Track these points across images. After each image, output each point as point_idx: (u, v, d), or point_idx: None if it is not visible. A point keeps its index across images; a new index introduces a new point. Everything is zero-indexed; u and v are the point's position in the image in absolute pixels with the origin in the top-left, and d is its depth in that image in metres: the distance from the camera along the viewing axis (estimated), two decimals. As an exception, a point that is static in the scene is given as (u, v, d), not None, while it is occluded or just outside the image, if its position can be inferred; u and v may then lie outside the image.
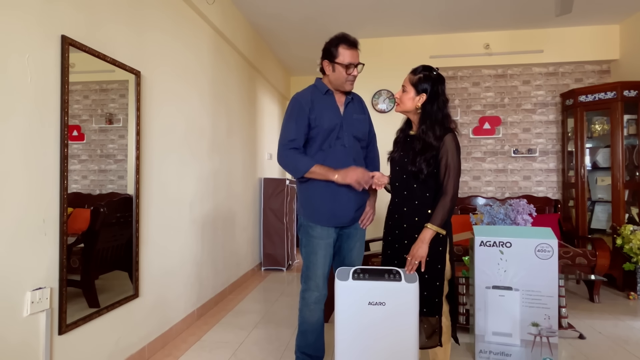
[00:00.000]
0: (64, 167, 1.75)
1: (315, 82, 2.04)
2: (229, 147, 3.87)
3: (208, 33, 3.38)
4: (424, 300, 1.76)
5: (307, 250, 1.98)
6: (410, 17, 4.24)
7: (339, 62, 1.90)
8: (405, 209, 1.85)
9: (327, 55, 1.94)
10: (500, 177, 4.79)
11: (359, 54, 1.95)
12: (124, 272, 2.24)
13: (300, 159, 1.90)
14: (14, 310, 1.55)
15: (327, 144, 1.94)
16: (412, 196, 1.83)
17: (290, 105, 1.98)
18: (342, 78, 1.93)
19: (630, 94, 3.91)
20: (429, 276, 1.78)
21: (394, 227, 1.90)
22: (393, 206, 1.93)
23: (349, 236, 2.04)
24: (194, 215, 3.07)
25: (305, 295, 1.98)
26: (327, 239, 1.97)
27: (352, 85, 1.99)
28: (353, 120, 2.00)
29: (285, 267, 4.83)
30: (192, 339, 2.73)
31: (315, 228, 1.96)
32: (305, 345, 2.01)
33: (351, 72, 1.92)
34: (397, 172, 1.90)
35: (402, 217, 1.86)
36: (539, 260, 2.26)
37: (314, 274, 1.95)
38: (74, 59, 1.82)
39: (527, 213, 2.90)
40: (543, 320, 2.25)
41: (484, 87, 4.85)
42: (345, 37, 1.92)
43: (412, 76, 1.85)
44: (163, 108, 2.63)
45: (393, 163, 1.94)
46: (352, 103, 2.04)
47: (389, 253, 1.93)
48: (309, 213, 1.98)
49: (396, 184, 1.91)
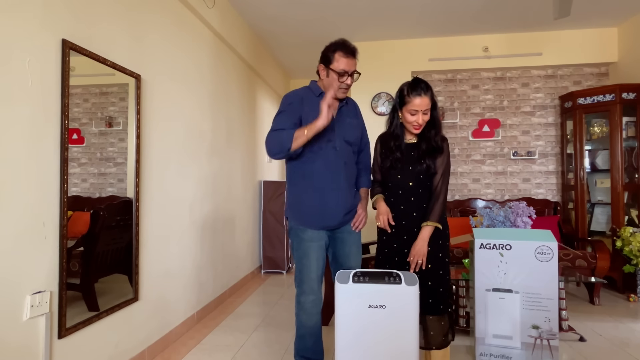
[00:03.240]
0: (64, 170, 1.75)
1: (310, 83, 2.03)
2: (228, 150, 3.88)
3: (208, 36, 3.39)
4: (440, 298, 1.83)
5: (299, 254, 1.96)
6: (409, 21, 4.26)
7: (333, 69, 1.88)
8: (415, 214, 1.89)
9: (324, 60, 1.93)
10: (500, 180, 4.79)
11: (356, 63, 1.93)
12: (124, 275, 2.23)
13: (282, 134, 1.83)
14: (14, 313, 1.55)
15: (318, 146, 1.91)
16: (421, 201, 1.90)
17: (282, 101, 1.98)
18: (335, 85, 1.89)
19: (628, 96, 3.92)
20: (442, 271, 1.85)
21: (400, 233, 1.92)
22: (397, 213, 1.94)
23: (343, 242, 2.02)
24: (193, 218, 3.07)
25: (301, 299, 1.96)
26: (318, 241, 1.95)
27: (344, 94, 1.95)
28: (345, 124, 1.99)
29: (285, 270, 4.82)
30: (191, 342, 2.72)
31: (306, 231, 1.94)
32: (304, 349, 2.00)
33: (344, 80, 1.89)
34: (399, 180, 1.93)
35: (412, 222, 1.89)
36: (539, 263, 2.26)
37: (308, 277, 1.93)
38: (74, 63, 1.82)
39: (526, 215, 2.91)
40: (543, 322, 2.25)
41: (483, 90, 4.86)
42: (344, 44, 1.89)
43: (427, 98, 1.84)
44: (163, 111, 2.63)
45: (394, 172, 1.95)
46: (345, 107, 2.02)
47: (396, 260, 1.94)
48: (298, 216, 1.96)
49: (399, 192, 1.93)
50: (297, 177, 1.98)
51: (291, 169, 2.03)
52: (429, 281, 1.85)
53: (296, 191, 1.99)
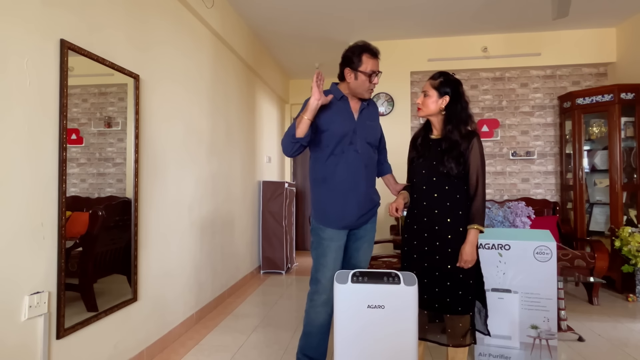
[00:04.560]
0: (62, 170, 1.75)
1: (331, 87, 2.05)
2: (227, 150, 3.88)
3: (207, 37, 3.39)
4: (459, 299, 1.81)
5: (317, 252, 2.00)
6: (408, 21, 4.26)
7: (362, 71, 1.94)
8: (437, 211, 1.87)
9: (349, 63, 1.97)
10: (499, 180, 4.80)
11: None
12: (123, 275, 2.23)
13: (289, 128, 1.91)
14: (12, 314, 1.54)
15: (340, 149, 1.96)
16: (444, 198, 1.86)
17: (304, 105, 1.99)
18: (365, 86, 1.97)
19: (627, 96, 3.93)
20: (464, 275, 1.81)
21: (421, 230, 1.90)
22: (419, 209, 1.93)
23: (356, 236, 2.05)
24: (192, 219, 3.07)
25: (314, 297, 1.98)
26: (338, 241, 1.98)
27: (371, 93, 2.04)
28: (366, 127, 2.03)
29: (284, 270, 4.82)
30: (190, 342, 2.72)
31: (326, 230, 1.97)
32: (308, 347, 2.01)
33: (374, 80, 1.97)
34: (423, 176, 1.92)
35: (433, 220, 1.87)
36: (537, 263, 2.27)
37: (324, 276, 1.95)
38: (73, 63, 1.82)
39: (525, 215, 2.91)
40: (542, 322, 2.25)
41: (482, 90, 4.87)
42: (368, 47, 1.98)
43: (432, 81, 1.92)
44: (162, 111, 2.63)
45: (418, 167, 1.95)
46: (366, 109, 2.06)
47: (415, 257, 1.92)
48: (320, 215, 2.00)
49: (423, 188, 1.92)
50: (320, 179, 2.01)
51: (314, 171, 2.06)
52: (447, 281, 1.83)
53: (318, 192, 2.02)
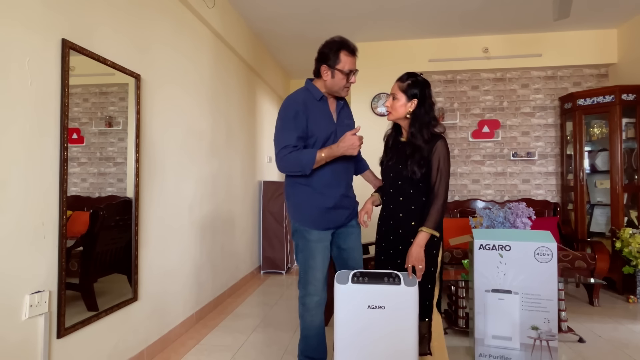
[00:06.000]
0: (63, 169, 1.75)
1: (307, 84, 1.98)
2: (228, 150, 3.88)
3: (208, 36, 3.39)
4: None
5: (304, 255, 1.95)
6: (409, 21, 4.26)
7: (340, 69, 1.88)
8: (401, 214, 1.86)
9: (325, 60, 1.89)
10: (500, 181, 4.79)
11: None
12: (123, 275, 2.23)
13: (302, 155, 1.84)
14: (13, 313, 1.54)
15: None
16: (408, 201, 1.84)
17: (285, 109, 1.90)
18: (341, 85, 1.91)
19: (628, 97, 3.93)
20: (422, 279, 1.77)
21: (387, 233, 1.91)
22: (387, 212, 1.93)
23: (347, 235, 2.03)
24: (193, 218, 3.07)
25: (306, 301, 1.95)
26: (324, 242, 1.96)
27: (348, 92, 1.98)
28: (345, 127, 2.00)
29: (284, 270, 4.82)
30: (191, 342, 2.72)
31: (312, 232, 1.93)
32: (308, 349, 2.01)
33: (351, 79, 1.91)
34: (390, 179, 1.92)
35: (398, 223, 1.86)
36: (538, 264, 2.26)
37: (314, 278, 1.93)
38: (74, 62, 1.82)
39: (526, 216, 2.91)
40: (543, 323, 2.25)
41: (482, 91, 4.87)
42: (346, 43, 1.88)
43: (400, 84, 1.87)
44: (163, 111, 2.63)
45: (386, 170, 1.95)
46: (343, 109, 2.05)
47: (382, 259, 1.93)
48: (304, 218, 1.95)
49: (390, 191, 1.92)
50: (302, 182, 1.94)
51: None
52: None
53: (299, 193, 1.96)
